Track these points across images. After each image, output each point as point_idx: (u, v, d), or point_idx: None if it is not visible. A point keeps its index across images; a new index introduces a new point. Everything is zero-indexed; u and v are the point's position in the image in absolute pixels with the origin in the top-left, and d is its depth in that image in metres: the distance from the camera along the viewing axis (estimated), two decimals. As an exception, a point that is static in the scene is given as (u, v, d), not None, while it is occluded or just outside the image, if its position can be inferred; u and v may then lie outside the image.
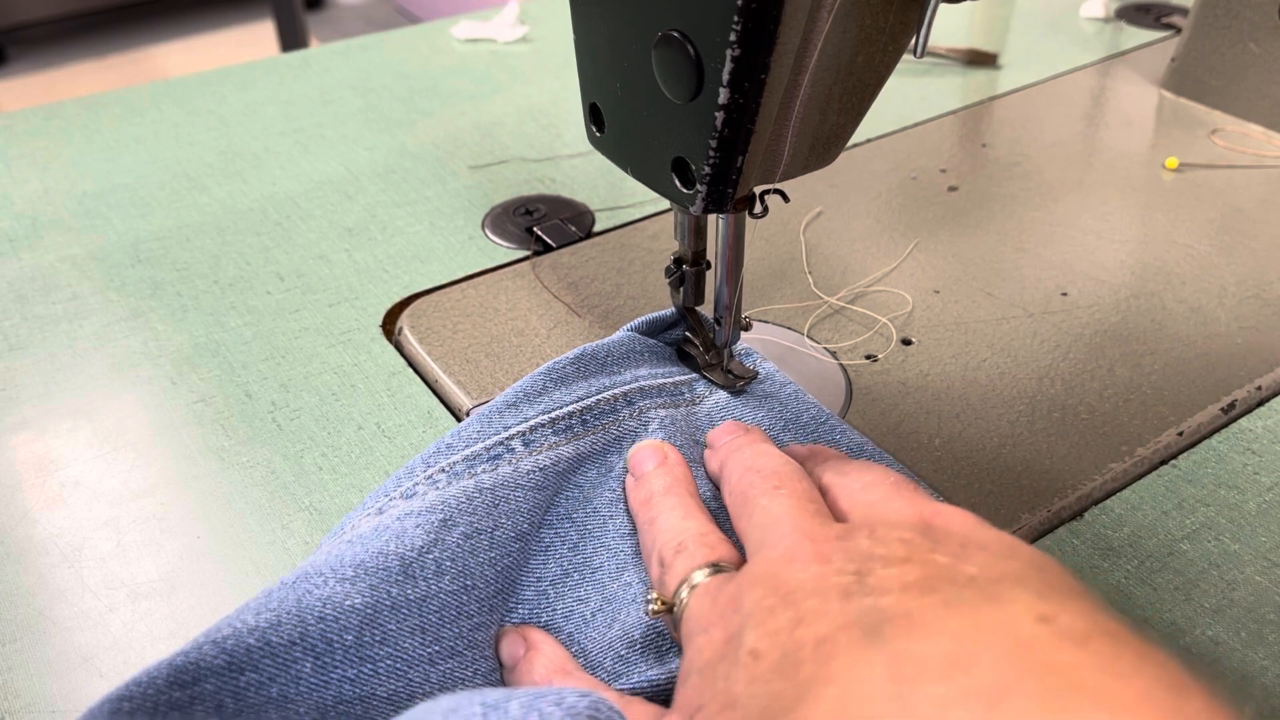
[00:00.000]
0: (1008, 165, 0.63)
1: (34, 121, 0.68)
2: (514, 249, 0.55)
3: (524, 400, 0.37)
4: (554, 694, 0.25)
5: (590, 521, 0.35)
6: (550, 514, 0.35)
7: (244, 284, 0.52)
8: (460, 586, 0.31)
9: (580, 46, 0.37)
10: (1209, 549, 0.38)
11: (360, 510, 0.35)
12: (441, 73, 0.75)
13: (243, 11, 2.90)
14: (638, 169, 0.37)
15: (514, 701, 0.24)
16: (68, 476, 0.41)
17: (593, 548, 0.35)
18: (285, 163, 0.63)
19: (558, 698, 0.24)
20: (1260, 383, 0.46)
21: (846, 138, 0.36)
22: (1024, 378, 0.46)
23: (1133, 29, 0.83)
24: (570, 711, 0.24)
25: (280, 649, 0.28)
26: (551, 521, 0.35)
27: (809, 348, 0.47)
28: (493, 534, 0.33)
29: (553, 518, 0.35)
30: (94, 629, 0.35)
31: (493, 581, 0.33)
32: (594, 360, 0.39)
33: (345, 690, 0.29)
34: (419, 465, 0.35)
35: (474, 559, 0.32)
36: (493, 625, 0.32)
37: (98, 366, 0.47)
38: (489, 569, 0.33)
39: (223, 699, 0.27)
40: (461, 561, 0.32)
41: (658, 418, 0.38)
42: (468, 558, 0.32)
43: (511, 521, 0.34)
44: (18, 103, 2.42)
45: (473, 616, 0.31)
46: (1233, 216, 0.58)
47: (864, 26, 0.33)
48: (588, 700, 0.25)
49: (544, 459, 0.35)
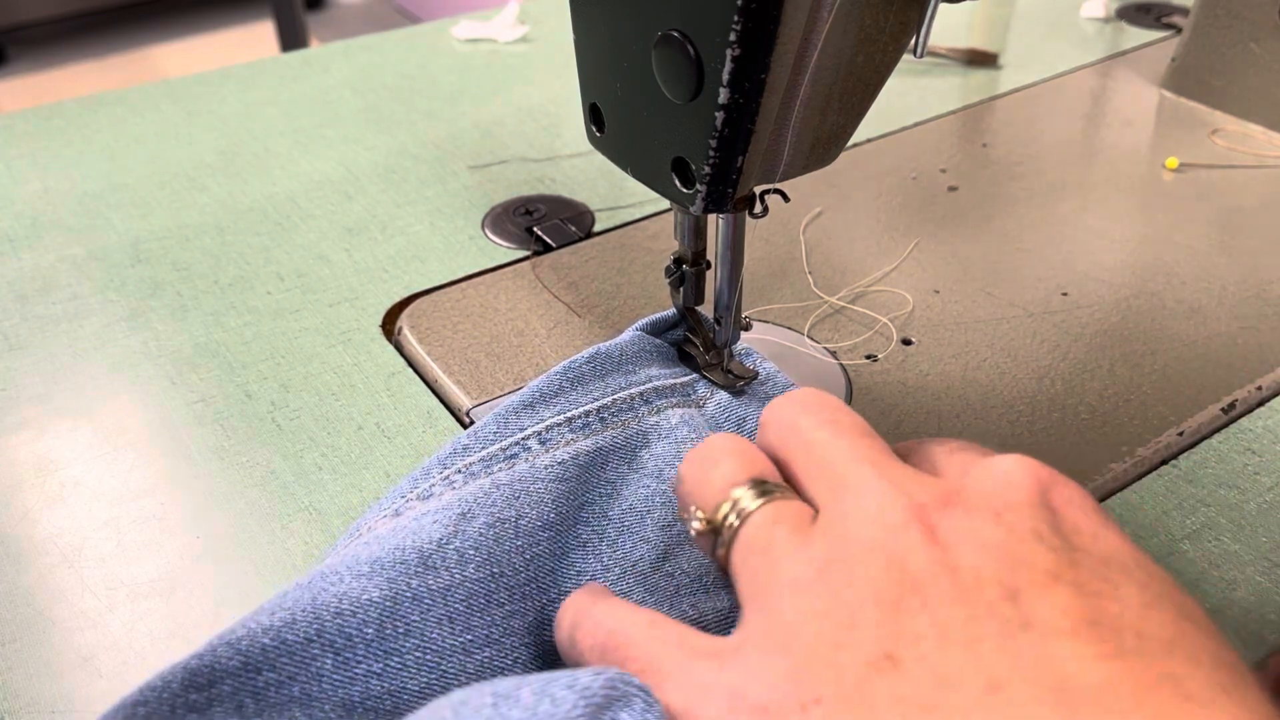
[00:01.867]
0: (1008, 165, 0.63)
1: (34, 121, 0.68)
2: (514, 249, 0.55)
3: (540, 401, 0.37)
4: (567, 676, 0.24)
5: (628, 518, 0.35)
6: (584, 511, 0.35)
7: (244, 284, 0.52)
8: (488, 574, 0.31)
9: (580, 46, 0.37)
10: (1209, 549, 0.38)
11: (376, 511, 0.35)
12: (441, 73, 0.75)
13: (243, 11, 2.90)
14: (638, 169, 0.37)
15: (525, 689, 0.23)
16: (68, 476, 0.41)
17: (631, 543, 0.34)
18: (285, 163, 0.63)
19: (570, 680, 0.23)
20: (1260, 383, 0.46)
21: (846, 138, 0.36)
22: (1024, 378, 0.46)
23: (1133, 29, 0.83)
24: (584, 693, 0.23)
25: (297, 647, 0.27)
26: (587, 519, 0.35)
27: (809, 348, 0.47)
28: (517, 523, 0.32)
29: (588, 515, 0.35)
30: (93, 629, 0.35)
31: (523, 570, 0.32)
32: (609, 360, 0.39)
33: (372, 685, 0.28)
34: (435, 466, 0.35)
35: (500, 547, 0.31)
36: (530, 614, 0.31)
37: (98, 366, 0.47)
38: (517, 557, 0.32)
39: (242, 699, 0.26)
40: (486, 549, 0.31)
41: (678, 414, 0.38)
42: (493, 545, 0.31)
43: (536, 511, 0.33)
44: (18, 103, 2.42)
45: (504, 605, 0.31)
46: (1233, 216, 0.58)
47: (864, 26, 0.33)
48: (603, 678, 0.23)
49: (561, 454, 0.35)
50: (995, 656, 0.21)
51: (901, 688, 0.22)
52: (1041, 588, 0.22)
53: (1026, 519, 0.24)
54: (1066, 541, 0.24)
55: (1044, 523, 0.24)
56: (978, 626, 0.22)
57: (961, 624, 0.22)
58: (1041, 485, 0.25)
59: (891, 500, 0.25)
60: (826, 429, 0.29)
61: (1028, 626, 0.22)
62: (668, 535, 0.34)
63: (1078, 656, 0.21)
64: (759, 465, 0.29)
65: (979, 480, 0.26)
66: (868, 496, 0.26)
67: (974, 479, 0.26)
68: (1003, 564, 0.23)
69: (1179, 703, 0.20)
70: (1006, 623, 0.22)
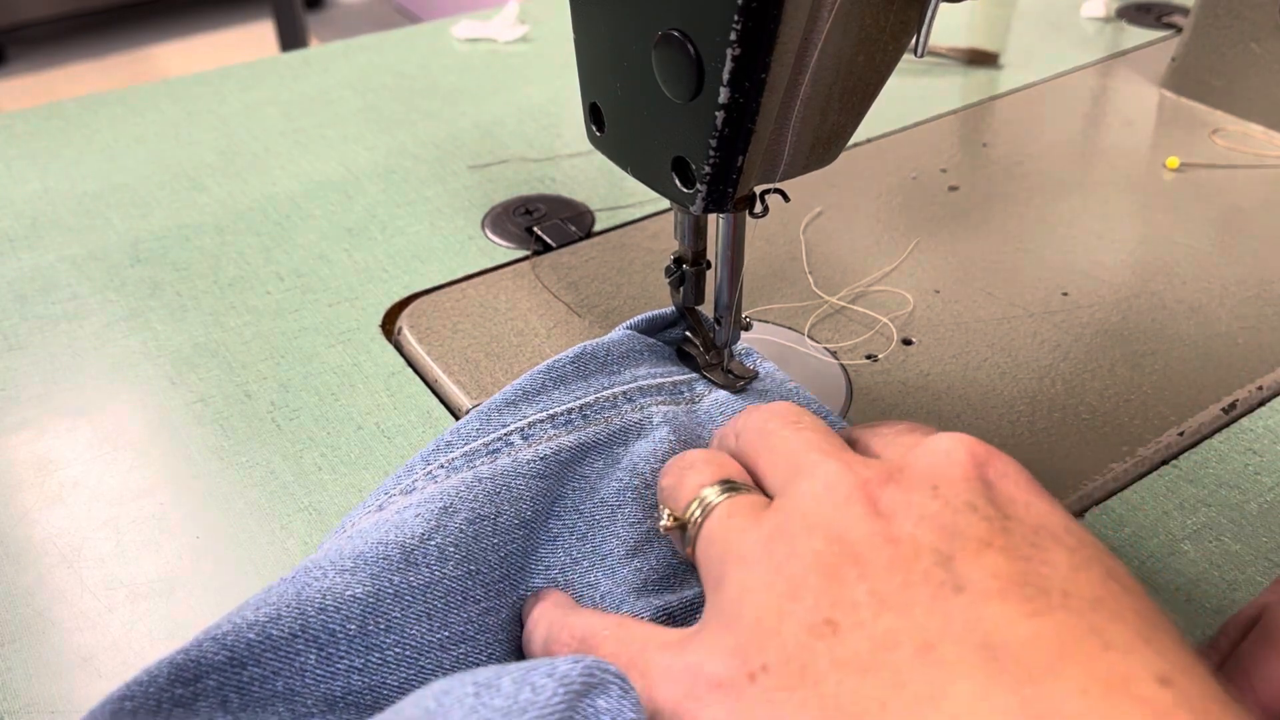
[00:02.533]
0: (1008, 165, 0.63)
1: (34, 121, 0.68)
2: (514, 249, 0.55)
3: (523, 398, 0.37)
4: (546, 665, 0.24)
5: (599, 512, 0.35)
6: (557, 505, 0.35)
7: (244, 284, 0.52)
8: (465, 571, 0.31)
9: (580, 46, 0.37)
10: (1210, 549, 0.38)
11: (361, 508, 0.35)
12: (441, 73, 0.75)
13: (243, 11, 2.90)
14: (638, 169, 0.37)
15: (505, 678, 0.24)
16: (67, 476, 0.41)
17: (601, 536, 0.35)
18: (285, 163, 0.63)
19: (550, 668, 0.24)
20: (1261, 383, 0.46)
21: (846, 137, 0.36)
22: (1024, 378, 0.46)
23: (1133, 28, 0.83)
24: (563, 680, 0.23)
25: (282, 642, 0.28)
26: (559, 513, 0.35)
27: (809, 348, 0.47)
28: (495, 520, 0.33)
29: (560, 509, 0.35)
30: (93, 629, 0.35)
31: (497, 567, 0.32)
32: (594, 359, 0.39)
33: (354, 680, 0.28)
34: (418, 462, 0.35)
35: (478, 544, 0.32)
36: (503, 610, 0.32)
37: (97, 366, 0.47)
38: (493, 554, 0.32)
39: (227, 694, 0.27)
40: (465, 547, 0.32)
41: (660, 412, 0.38)
42: (471, 543, 0.32)
43: (514, 509, 0.33)
44: (18, 103, 2.42)
45: (480, 601, 0.31)
46: (1233, 216, 0.58)
47: (864, 26, 0.32)
48: (581, 666, 0.24)
49: (544, 449, 0.35)
50: (928, 618, 0.23)
51: (840, 651, 0.23)
52: (974, 554, 0.24)
53: (962, 491, 0.25)
54: (1000, 511, 0.25)
55: (978, 494, 0.25)
56: (912, 591, 0.23)
57: (897, 589, 0.23)
58: (977, 460, 0.26)
59: (838, 479, 0.27)
60: (789, 428, 0.31)
61: (960, 590, 0.23)
62: (637, 531, 0.35)
63: (1006, 615, 0.22)
64: (729, 469, 0.31)
65: (919, 457, 0.27)
66: (817, 478, 0.27)
67: (915, 456, 0.27)
68: (938, 533, 0.24)
69: (1100, 651, 0.21)
70: (940, 586, 0.23)
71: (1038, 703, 0.21)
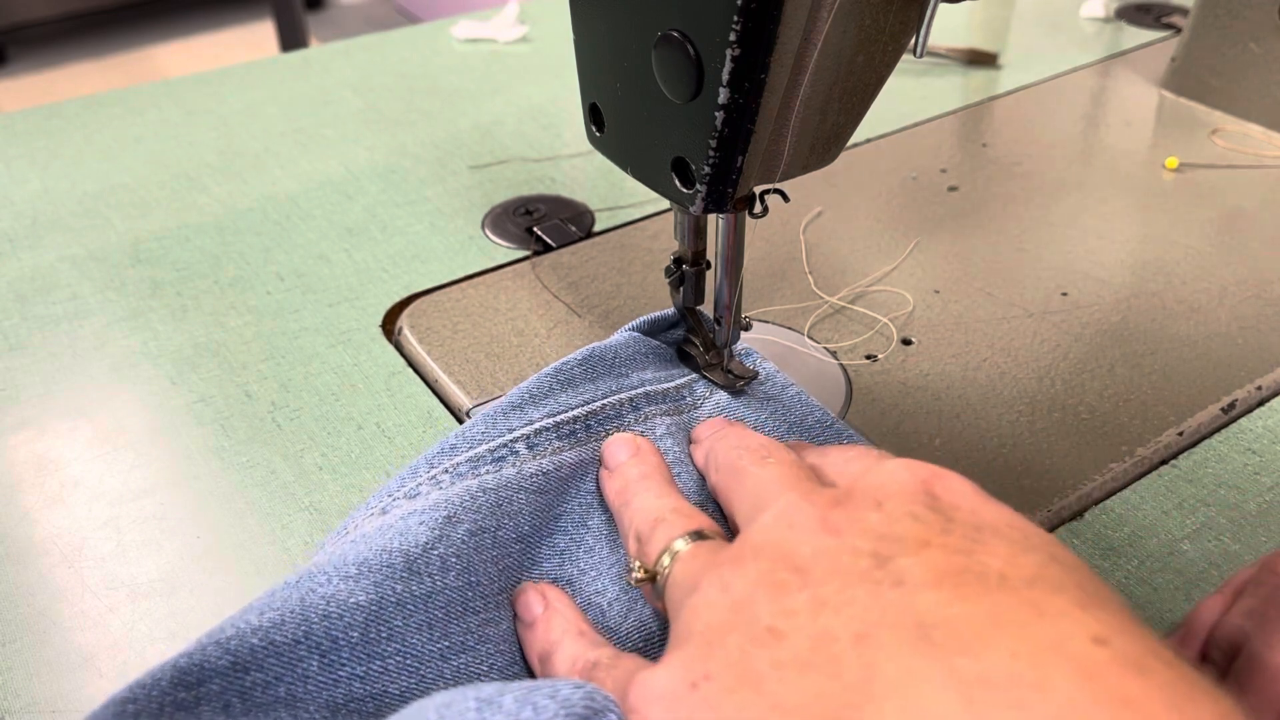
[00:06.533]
0: (1008, 165, 0.63)
1: (34, 121, 0.68)
2: (514, 249, 0.55)
3: (529, 402, 0.37)
4: (549, 687, 0.24)
5: (606, 527, 0.36)
6: (562, 520, 0.35)
7: (244, 284, 0.52)
8: (465, 583, 0.31)
9: (580, 46, 0.37)
10: (1209, 549, 0.38)
11: (364, 510, 0.35)
12: (441, 73, 0.75)
13: (243, 11, 2.90)
14: (638, 169, 0.37)
15: (508, 696, 0.24)
16: (68, 476, 0.41)
17: (608, 549, 0.35)
18: (285, 163, 0.63)
19: (552, 690, 0.24)
20: (1260, 383, 0.46)
21: (846, 138, 0.36)
22: (1024, 378, 0.46)
23: (1133, 29, 0.83)
24: (565, 704, 0.24)
25: (285, 648, 0.28)
26: (566, 528, 0.35)
27: (809, 348, 0.47)
28: (496, 533, 0.33)
29: (567, 524, 0.35)
30: (94, 629, 0.35)
31: (496, 579, 0.33)
32: (602, 362, 0.39)
33: (355, 688, 0.29)
34: (423, 465, 0.35)
35: (478, 556, 0.32)
36: (502, 622, 0.32)
37: (98, 366, 0.47)
38: (492, 566, 0.33)
39: (229, 699, 0.27)
40: (467, 558, 0.32)
41: (664, 424, 0.38)
42: (472, 555, 0.32)
43: (513, 523, 0.34)
44: (18, 103, 2.42)
45: (479, 613, 0.31)
46: (1233, 216, 0.58)
47: (864, 26, 0.33)
48: (582, 692, 0.24)
49: (547, 463, 0.35)
50: (864, 613, 0.24)
51: (781, 654, 0.24)
52: (912, 553, 0.25)
53: (905, 504, 0.27)
54: (943, 516, 0.26)
55: (921, 505, 0.26)
56: (850, 591, 0.24)
57: (835, 591, 0.24)
58: (922, 478, 0.28)
59: (793, 508, 0.28)
60: (757, 464, 0.32)
61: (898, 584, 0.24)
62: None
63: (940, 601, 0.23)
64: (698, 521, 0.32)
65: (868, 478, 0.28)
66: (773, 509, 0.29)
67: (864, 479, 0.28)
68: (878, 540, 0.25)
69: (1034, 619, 0.22)
70: (877, 584, 0.24)
71: (966, 670, 0.21)
